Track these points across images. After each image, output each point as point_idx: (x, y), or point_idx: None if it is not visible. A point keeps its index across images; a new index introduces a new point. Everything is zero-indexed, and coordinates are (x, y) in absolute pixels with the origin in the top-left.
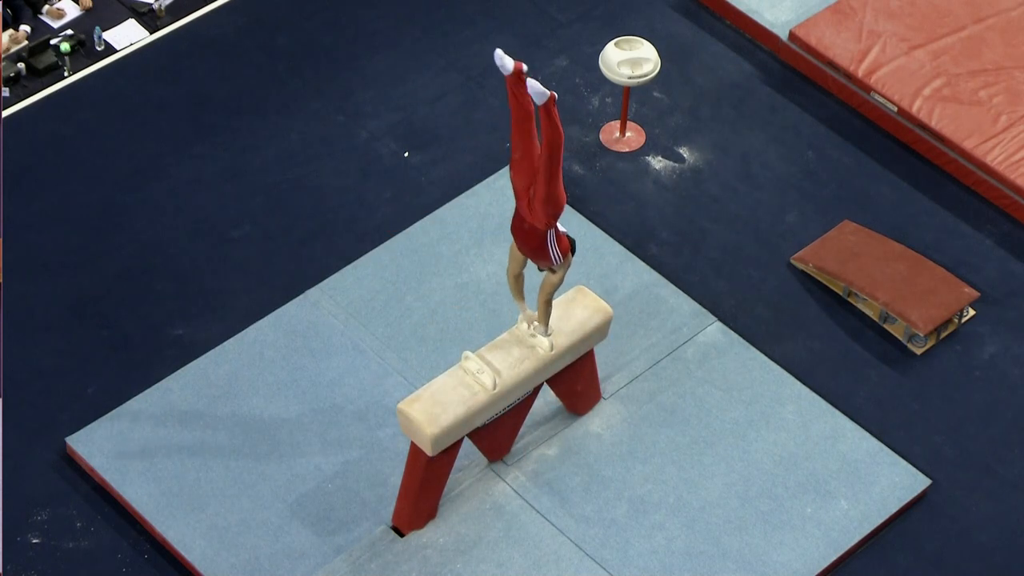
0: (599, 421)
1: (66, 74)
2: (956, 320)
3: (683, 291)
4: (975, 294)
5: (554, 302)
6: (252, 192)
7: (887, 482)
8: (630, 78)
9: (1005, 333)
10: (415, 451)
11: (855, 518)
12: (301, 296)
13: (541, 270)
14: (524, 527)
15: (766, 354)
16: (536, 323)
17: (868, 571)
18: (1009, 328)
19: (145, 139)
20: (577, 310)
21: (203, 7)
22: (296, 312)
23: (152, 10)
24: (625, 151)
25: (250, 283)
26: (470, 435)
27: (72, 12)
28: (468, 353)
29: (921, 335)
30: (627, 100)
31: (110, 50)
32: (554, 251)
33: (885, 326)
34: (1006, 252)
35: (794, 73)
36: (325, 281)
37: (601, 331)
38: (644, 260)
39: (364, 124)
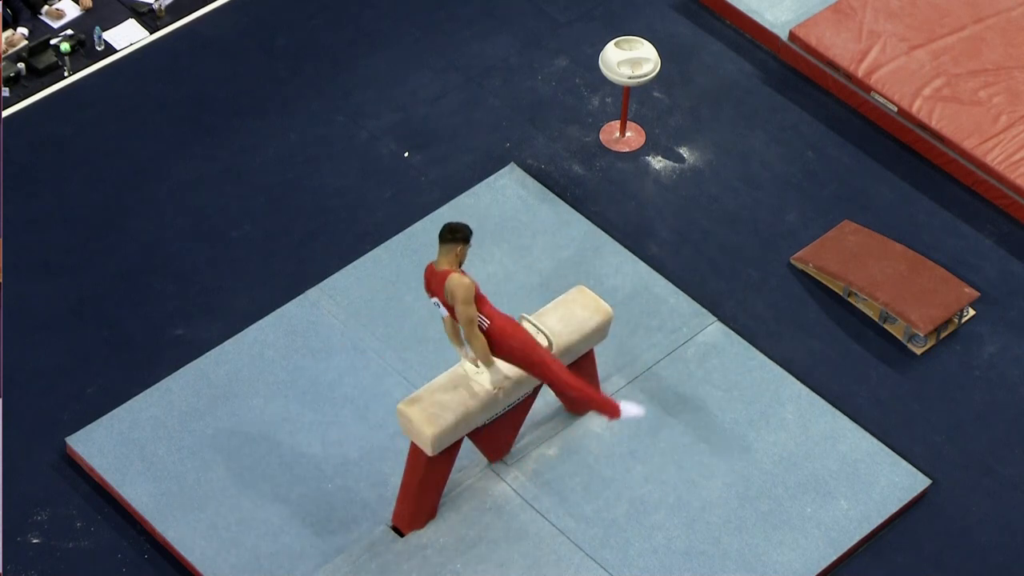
0: (599, 421)
1: (66, 74)
2: (956, 320)
3: (683, 291)
4: (975, 294)
5: (554, 302)
6: (252, 192)
7: (887, 482)
8: (630, 78)
9: (1005, 333)
10: (415, 451)
11: (855, 518)
12: (301, 296)
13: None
14: (524, 527)
15: (766, 354)
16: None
17: (868, 571)
18: (1009, 328)
19: (145, 139)
20: (577, 310)
21: (203, 7)
22: (296, 312)
23: (152, 10)
24: (625, 151)
25: (250, 283)
26: (470, 435)
27: (72, 12)
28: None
29: (921, 335)
30: (627, 100)
31: (110, 50)
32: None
33: (885, 326)
34: (1006, 252)
35: (794, 73)
36: (325, 281)
37: (601, 331)
38: (644, 260)
39: (364, 124)
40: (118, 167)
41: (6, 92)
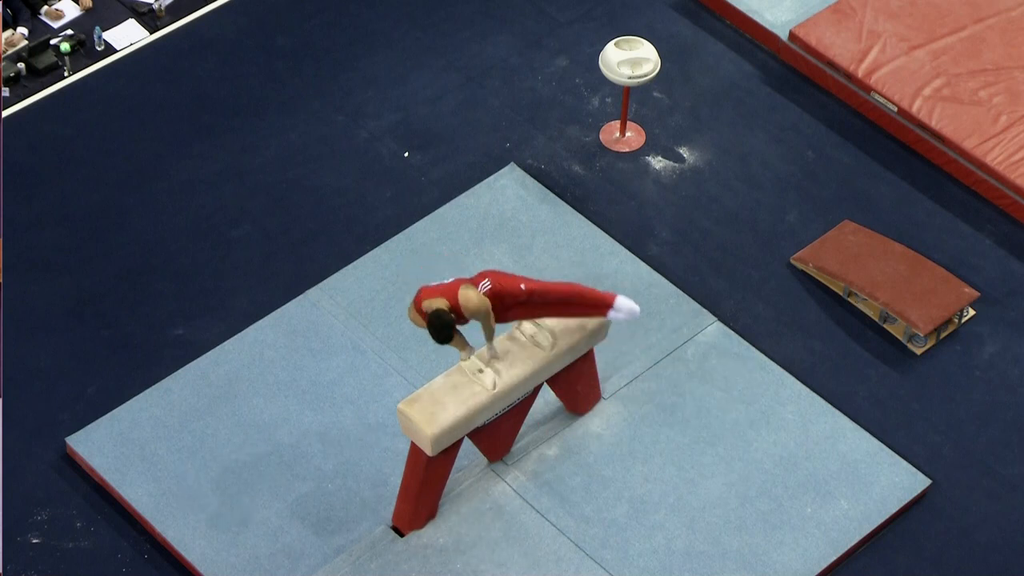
0: (599, 421)
1: (66, 74)
2: (956, 320)
3: (683, 291)
4: (975, 294)
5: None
6: (252, 192)
7: (887, 482)
8: (630, 78)
9: (1005, 333)
10: (415, 451)
11: (855, 518)
12: (301, 296)
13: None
14: (524, 527)
15: (766, 354)
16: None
17: (868, 571)
18: (1009, 328)
19: (145, 139)
20: None
21: (203, 7)
22: (296, 312)
23: (152, 10)
24: (625, 151)
25: (250, 283)
26: (470, 435)
27: (72, 12)
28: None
29: (921, 335)
30: (627, 100)
31: (110, 50)
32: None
33: (885, 326)
34: (1006, 252)
35: (794, 73)
36: (325, 281)
37: (601, 331)
38: (644, 260)
39: (364, 124)
40: (118, 167)
41: (6, 92)
